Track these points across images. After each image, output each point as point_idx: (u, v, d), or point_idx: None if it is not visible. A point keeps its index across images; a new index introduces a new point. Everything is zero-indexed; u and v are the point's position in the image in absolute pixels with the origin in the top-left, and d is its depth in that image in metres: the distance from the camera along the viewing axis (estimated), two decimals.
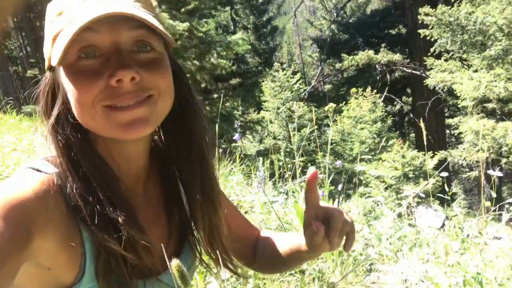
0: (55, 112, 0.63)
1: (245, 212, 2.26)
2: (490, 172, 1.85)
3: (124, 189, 0.67)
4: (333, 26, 17.56)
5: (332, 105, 1.88)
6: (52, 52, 0.61)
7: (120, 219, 0.61)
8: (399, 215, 2.63)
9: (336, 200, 2.32)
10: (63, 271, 0.62)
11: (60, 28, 0.60)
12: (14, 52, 19.82)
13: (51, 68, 0.65)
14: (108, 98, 0.59)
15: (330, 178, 2.13)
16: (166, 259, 0.51)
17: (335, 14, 18.38)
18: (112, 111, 0.60)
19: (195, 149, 0.73)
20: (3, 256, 0.50)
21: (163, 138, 0.77)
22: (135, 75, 0.59)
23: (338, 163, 2.83)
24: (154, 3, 0.67)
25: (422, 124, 1.85)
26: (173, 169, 0.76)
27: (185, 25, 6.38)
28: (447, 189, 2.05)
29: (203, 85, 7.70)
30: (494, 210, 1.92)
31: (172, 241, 0.77)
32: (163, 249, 0.60)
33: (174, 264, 0.45)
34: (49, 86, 0.65)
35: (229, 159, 3.55)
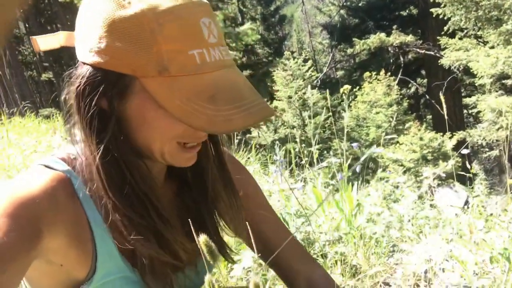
0: (111, 127, 0.58)
1: None
2: None
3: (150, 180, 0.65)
4: (342, 11, 17.29)
5: (347, 86, 1.85)
6: (168, 62, 0.53)
7: (160, 225, 0.62)
8: (420, 197, 2.59)
9: (355, 184, 2.30)
10: (75, 267, 0.62)
11: (195, 50, 0.54)
12: (28, 58, 20.17)
13: (119, 74, 0.55)
14: (187, 139, 0.61)
15: (348, 162, 2.11)
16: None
17: None
18: (183, 149, 0.62)
19: (212, 141, 0.71)
20: (11, 254, 0.50)
21: None
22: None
23: (355, 145, 2.79)
24: None
25: (443, 101, 1.81)
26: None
27: None
28: (468, 166, 2.01)
29: None
30: None
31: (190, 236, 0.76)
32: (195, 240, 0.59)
33: (202, 239, 0.45)
34: (110, 92, 0.57)
35: (244, 149, 3.55)
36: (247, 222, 0.67)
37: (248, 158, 3.44)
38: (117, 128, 0.58)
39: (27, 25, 19.58)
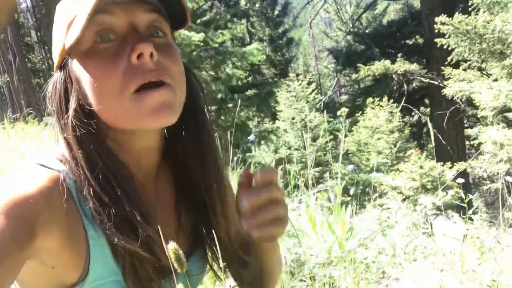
0: (72, 104, 0.61)
1: None
2: (508, 178, 1.79)
3: (138, 185, 0.65)
4: (348, 37, 17.54)
5: (344, 109, 1.87)
6: (66, 39, 0.60)
7: (137, 218, 0.60)
8: (415, 224, 2.57)
9: (349, 207, 2.30)
10: (67, 270, 0.61)
11: (75, 14, 0.59)
12: (37, 65, 20.45)
13: (62, 65, 0.63)
14: (135, 78, 0.57)
15: (343, 185, 2.11)
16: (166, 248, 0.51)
17: (350, 25, 18.38)
18: (141, 95, 0.58)
19: (206, 142, 0.71)
20: (4, 254, 0.50)
21: (171, 134, 0.74)
22: (153, 50, 0.57)
23: (350, 167, 2.79)
24: None
25: (441, 128, 1.81)
26: (182, 165, 0.73)
27: (200, 36, 6.48)
28: (463, 196, 2.00)
29: (219, 95, 7.75)
30: None
31: (182, 243, 0.72)
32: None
33: (171, 247, 0.45)
34: (61, 83, 0.63)
35: (243, 167, 3.55)
36: None
37: None
38: (78, 102, 0.61)
39: (38, 34, 19.93)
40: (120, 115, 0.60)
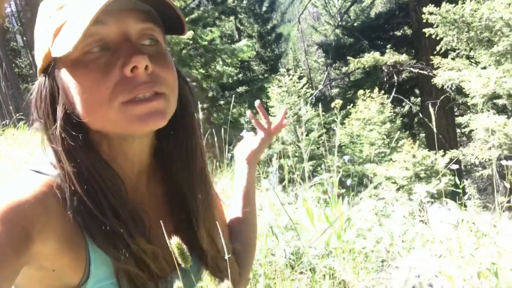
0: (59, 114, 0.59)
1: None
2: (503, 162, 1.81)
3: (130, 190, 0.65)
4: (337, 31, 17.56)
5: (338, 101, 1.87)
6: (54, 46, 0.58)
7: (124, 230, 0.60)
8: (411, 213, 2.59)
9: (346, 199, 2.30)
10: (68, 273, 0.60)
11: (63, 20, 0.57)
12: (24, 70, 20.19)
13: (47, 70, 0.61)
14: (126, 91, 0.56)
15: (338, 177, 2.12)
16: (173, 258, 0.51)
17: (339, 19, 18.39)
18: (128, 106, 0.57)
19: (193, 147, 0.72)
20: (1, 260, 0.49)
21: (162, 136, 0.74)
22: (148, 63, 0.56)
23: (347, 157, 2.80)
24: None
25: (433, 119, 1.83)
26: (174, 169, 0.73)
27: (189, 34, 6.44)
28: (458, 182, 2.01)
29: (210, 93, 7.72)
30: (508, 201, 1.88)
31: None
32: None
33: (174, 242, 0.44)
34: (48, 88, 0.61)
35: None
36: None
37: None
38: (65, 111, 0.60)
39: (24, 38, 19.67)
40: (108, 124, 0.59)
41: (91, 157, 0.60)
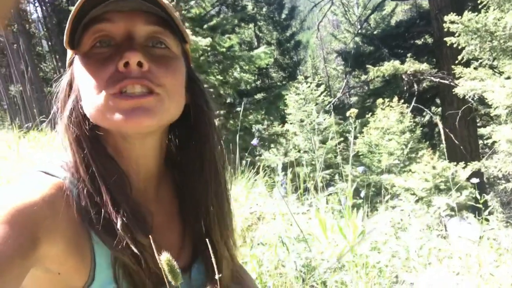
0: (69, 105, 0.63)
1: (267, 223, 2.22)
2: None
3: (134, 191, 0.65)
4: (357, 39, 17.46)
5: (353, 110, 1.84)
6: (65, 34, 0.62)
7: (126, 226, 0.59)
8: (428, 227, 2.51)
9: (361, 210, 2.25)
10: (73, 276, 0.60)
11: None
12: (49, 74, 20.78)
13: (70, 64, 0.66)
14: (115, 83, 0.58)
15: (353, 187, 2.07)
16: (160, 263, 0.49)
17: (358, 27, 18.29)
18: (116, 98, 0.58)
19: (207, 159, 0.71)
20: (7, 262, 0.49)
21: (177, 145, 0.76)
22: (142, 59, 0.59)
23: (361, 168, 2.75)
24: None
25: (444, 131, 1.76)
26: (184, 177, 0.74)
27: (208, 40, 6.50)
28: (478, 196, 1.94)
29: (227, 100, 7.76)
30: None
31: (186, 251, 0.74)
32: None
33: (164, 258, 0.43)
34: (68, 80, 0.66)
35: (252, 171, 3.53)
36: None
37: (255, 180, 3.41)
38: (77, 106, 0.63)
39: (49, 43, 20.25)
40: (99, 116, 0.60)
41: (97, 150, 0.62)
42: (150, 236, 0.59)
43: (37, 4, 19.79)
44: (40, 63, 20.36)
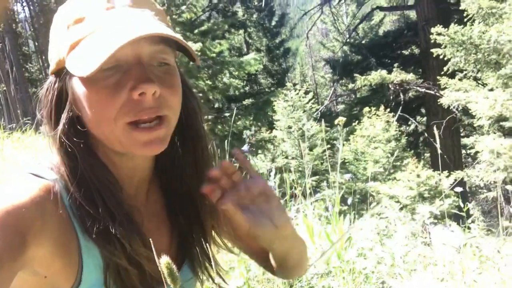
0: (63, 119, 0.62)
1: None
2: (508, 187, 1.78)
3: (127, 198, 0.66)
4: (345, 47, 17.68)
5: (341, 118, 1.86)
6: (69, 58, 0.60)
7: (121, 231, 0.60)
8: (413, 234, 2.55)
9: (347, 217, 2.27)
10: (59, 280, 0.60)
11: (80, 36, 0.59)
12: (34, 75, 20.44)
13: (59, 74, 0.63)
14: (131, 113, 0.59)
15: (340, 194, 2.09)
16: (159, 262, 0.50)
17: (347, 36, 18.53)
18: (134, 130, 0.59)
19: (201, 158, 0.72)
20: None
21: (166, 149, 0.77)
22: (157, 89, 0.58)
23: (347, 176, 2.78)
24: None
25: (437, 138, 1.81)
26: (176, 179, 0.74)
27: (198, 45, 6.51)
28: (461, 204, 1.98)
29: (216, 105, 7.75)
30: None
31: (174, 253, 0.75)
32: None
33: (163, 261, 0.43)
34: (56, 91, 0.63)
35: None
36: None
37: None
38: (69, 116, 0.62)
39: (36, 44, 19.97)
40: (113, 141, 0.61)
41: (90, 160, 0.62)
42: (150, 239, 0.60)
43: (24, 4, 19.52)
44: (25, 64, 20.03)
